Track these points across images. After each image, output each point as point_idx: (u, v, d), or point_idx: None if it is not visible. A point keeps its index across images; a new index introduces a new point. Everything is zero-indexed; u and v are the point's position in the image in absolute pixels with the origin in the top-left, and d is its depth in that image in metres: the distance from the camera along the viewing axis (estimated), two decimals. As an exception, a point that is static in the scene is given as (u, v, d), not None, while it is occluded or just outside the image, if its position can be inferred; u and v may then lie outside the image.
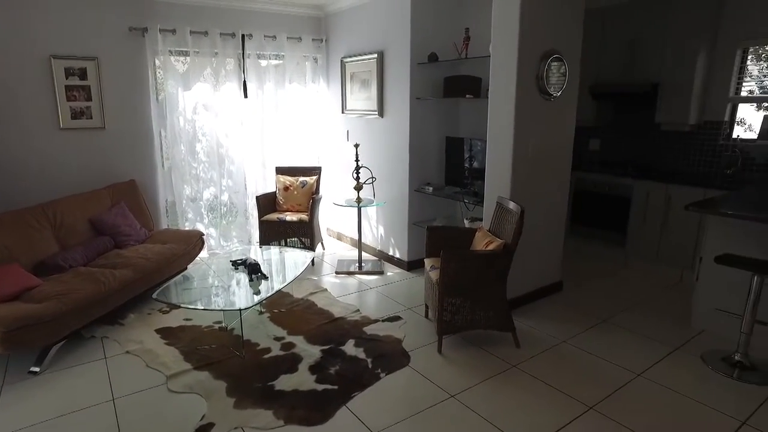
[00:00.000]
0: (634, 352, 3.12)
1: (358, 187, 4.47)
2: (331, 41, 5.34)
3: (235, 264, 3.60)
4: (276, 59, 5.23)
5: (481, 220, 3.79)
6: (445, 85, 4.24)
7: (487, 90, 3.53)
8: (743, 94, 4.50)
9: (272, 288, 3.35)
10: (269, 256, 4.16)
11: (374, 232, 5.06)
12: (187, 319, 3.59)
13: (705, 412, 2.54)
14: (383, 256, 4.93)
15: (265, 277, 3.42)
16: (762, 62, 4.46)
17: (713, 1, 4.29)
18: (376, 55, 4.61)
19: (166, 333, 3.41)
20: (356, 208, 4.55)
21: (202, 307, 3.29)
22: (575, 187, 5.07)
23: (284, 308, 3.80)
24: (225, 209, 5.30)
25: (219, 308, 3.33)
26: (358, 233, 4.65)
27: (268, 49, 5.12)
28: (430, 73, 4.35)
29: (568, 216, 4.80)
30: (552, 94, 3.51)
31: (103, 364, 3.01)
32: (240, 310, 3.07)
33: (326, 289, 4.20)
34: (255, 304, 3.25)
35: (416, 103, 4.33)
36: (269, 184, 5.34)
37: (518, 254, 3.17)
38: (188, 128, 4.86)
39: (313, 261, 4.82)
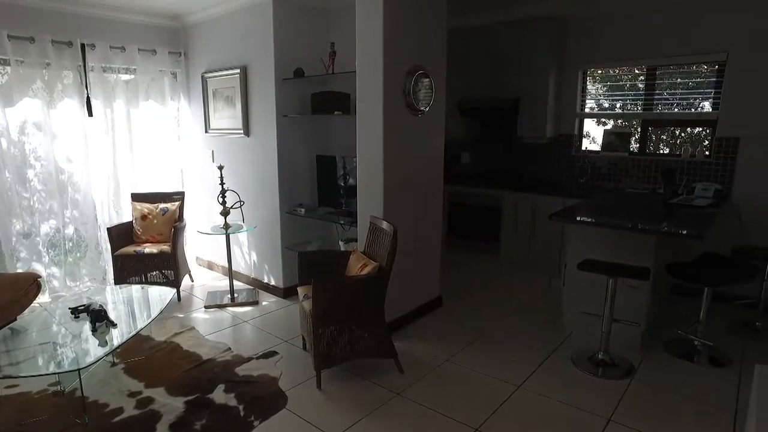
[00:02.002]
0: (514, 363, 3.17)
1: (225, 212, 4.11)
2: (191, 55, 4.91)
3: (76, 312, 3.04)
4: (127, 73, 4.68)
5: (357, 240, 3.66)
6: (313, 101, 4.07)
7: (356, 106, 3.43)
8: (587, 110, 4.96)
9: (122, 336, 2.87)
10: (126, 295, 3.63)
11: (247, 259, 4.70)
12: (11, 387, 2.95)
13: (578, 416, 2.61)
14: (258, 284, 4.59)
15: (114, 324, 2.93)
16: (597, 83, 4.97)
17: (557, 29, 4.68)
18: (238, 71, 4.31)
19: (-20, 407, 2.76)
20: (224, 235, 4.18)
21: (19, 374, 2.66)
22: (450, 200, 5.19)
23: (143, 355, 3.31)
24: (71, 244, 4.58)
25: (44, 373, 2.65)
26: (228, 262, 4.27)
27: (117, 61, 4.56)
28: (297, 89, 4.16)
29: (444, 229, 4.87)
30: (420, 110, 3.51)
31: None
32: (78, 370, 2.56)
33: (194, 328, 3.76)
34: (96, 361, 2.72)
35: (284, 121, 4.11)
36: (125, 213, 4.73)
37: (396, 273, 3.08)
38: (15, 152, 4.12)
39: (178, 296, 4.34)
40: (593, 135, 5.06)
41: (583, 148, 5.03)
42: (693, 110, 4.40)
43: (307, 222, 4.34)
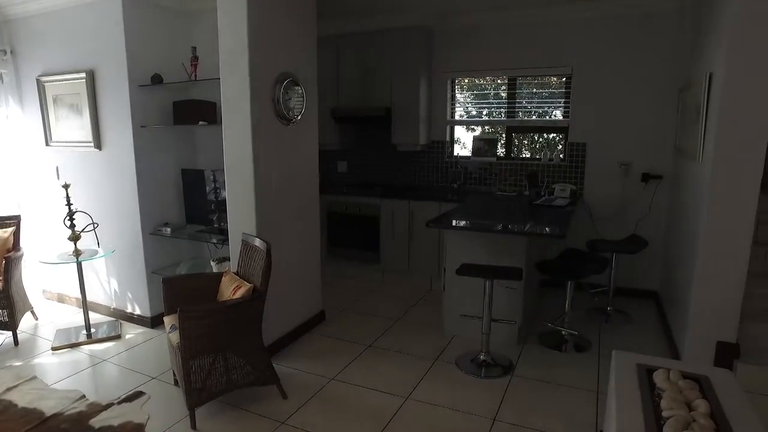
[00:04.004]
0: (400, 374, 3.14)
1: (75, 237, 3.58)
2: (21, 54, 4.22)
3: None
4: (-72, 73, 3.89)
5: (230, 260, 3.40)
6: (175, 110, 3.73)
7: (223, 116, 3.19)
8: (456, 117, 5.18)
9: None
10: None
11: (106, 288, 4.15)
12: None
13: (465, 420, 2.64)
14: (121, 315, 4.07)
15: None
16: (465, 92, 5.22)
17: (425, 38, 4.82)
18: (84, 75, 3.80)
19: None
20: (75, 263, 3.64)
21: None
22: (328, 210, 5.09)
23: (-36, 419, 2.72)
24: None
25: None
26: (81, 293, 3.72)
27: None
28: (157, 97, 3.78)
29: (323, 240, 4.77)
30: (291, 119, 3.37)
31: None
32: None
33: (36, 377, 3.19)
34: None
35: (142, 132, 3.69)
36: (-61, 244, 3.92)
37: (273, 292, 2.89)
38: None
39: (15, 340, 3.68)
40: (464, 141, 5.30)
41: (455, 154, 5.24)
42: (548, 118, 4.80)
43: (174, 242, 3.95)
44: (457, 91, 5.16)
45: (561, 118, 4.69)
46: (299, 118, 3.44)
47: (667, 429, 1.66)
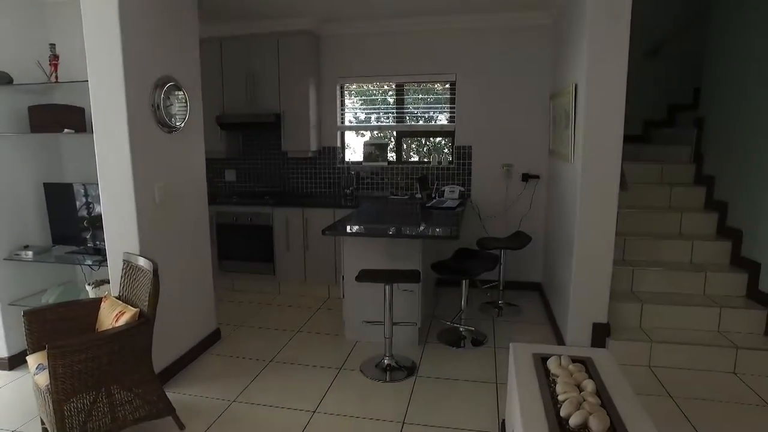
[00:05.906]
0: (306, 387, 3.04)
1: None
2: None
3: None
4: None
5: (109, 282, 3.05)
6: (32, 116, 3.26)
7: (94, 123, 2.85)
8: (346, 123, 5.20)
9: None
10: None
11: (-53, 327, 3.51)
12: None
13: (375, 427, 2.63)
14: (-32, 358, 3.47)
15: None
16: (354, 97, 5.26)
17: (311, 44, 4.76)
18: None
19: None
20: None
21: None
22: (217, 221, 4.82)
23: None
24: None
25: None
26: None
27: None
28: (6, 100, 3.27)
29: (214, 254, 4.51)
30: (174, 126, 3.12)
31: None
32: None
33: None
34: None
35: (-12, 142, 3.19)
36: None
37: (163, 314, 2.65)
38: None
39: None
40: (354, 146, 5.33)
41: (347, 159, 5.25)
42: (435, 123, 5.00)
43: (38, 267, 3.45)
44: (346, 97, 5.18)
45: (447, 122, 4.92)
46: (182, 125, 3.20)
47: (563, 411, 1.80)
